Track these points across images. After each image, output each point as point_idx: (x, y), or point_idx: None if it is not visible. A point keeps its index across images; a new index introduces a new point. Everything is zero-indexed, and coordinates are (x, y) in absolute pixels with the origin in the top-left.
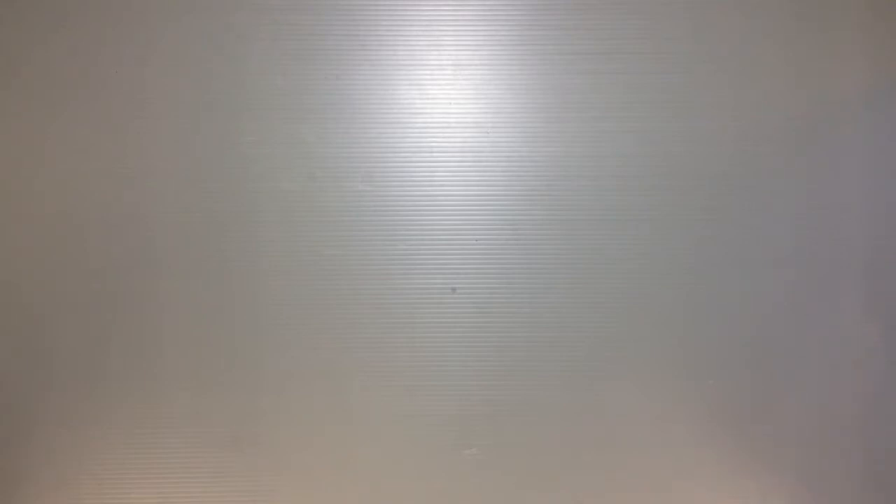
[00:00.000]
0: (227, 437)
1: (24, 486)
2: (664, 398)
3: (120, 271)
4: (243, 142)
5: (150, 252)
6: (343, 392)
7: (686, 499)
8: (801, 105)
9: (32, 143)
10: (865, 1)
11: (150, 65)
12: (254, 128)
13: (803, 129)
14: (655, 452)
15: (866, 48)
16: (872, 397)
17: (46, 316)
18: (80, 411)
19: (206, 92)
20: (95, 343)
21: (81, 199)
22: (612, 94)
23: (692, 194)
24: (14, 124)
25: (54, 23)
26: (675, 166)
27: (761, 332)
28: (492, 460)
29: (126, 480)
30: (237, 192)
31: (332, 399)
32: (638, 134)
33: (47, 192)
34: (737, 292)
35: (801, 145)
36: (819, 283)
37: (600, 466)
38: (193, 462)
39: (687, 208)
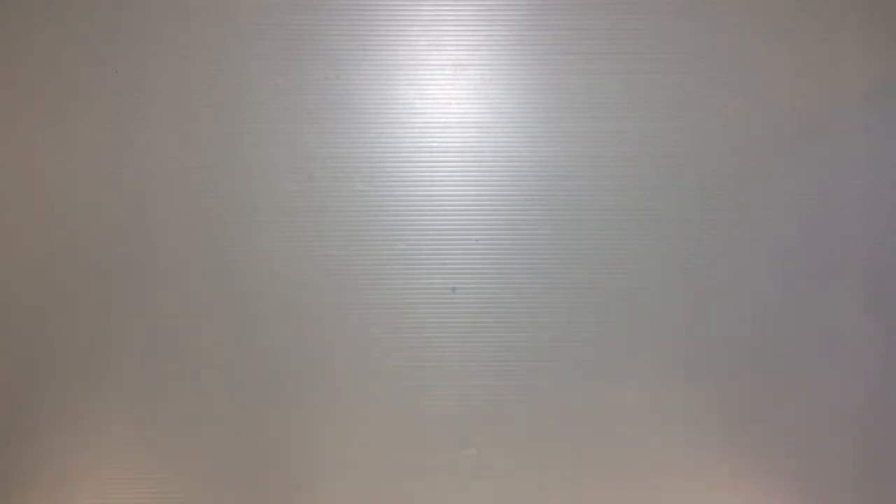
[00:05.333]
0: (227, 437)
1: (23, 486)
2: (664, 398)
3: (120, 271)
4: (243, 142)
5: (150, 252)
6: (343, 392)
7: (685, 499)
8: (801, 105)
9: (32, 143)
10: (865, 1)
11: (150, 65)
12: (254, 128)
13: (803, 129)
14: (655, 452)
15: (866, 48)
16: (872, 397)
17: (46, 316)
18: (80, 411)
19: (206, 92)
20: (95, 343)
21: (81, 199)
22: (612, 94)
23: (692, 194)
24: (14, 124)
25: (54, 22)
26: (675, 166)
27: (761, 332)
28: (492, 460)
29: (126, 481)
30: (237, 192)
31: (332, 399)
32: (638, 134)
33: (47, 192)
34: (737, 292)
35: (801, 145)
36: (819, 283)
37: (600, 466)
38: (193, 462)
39: (687, 208)
